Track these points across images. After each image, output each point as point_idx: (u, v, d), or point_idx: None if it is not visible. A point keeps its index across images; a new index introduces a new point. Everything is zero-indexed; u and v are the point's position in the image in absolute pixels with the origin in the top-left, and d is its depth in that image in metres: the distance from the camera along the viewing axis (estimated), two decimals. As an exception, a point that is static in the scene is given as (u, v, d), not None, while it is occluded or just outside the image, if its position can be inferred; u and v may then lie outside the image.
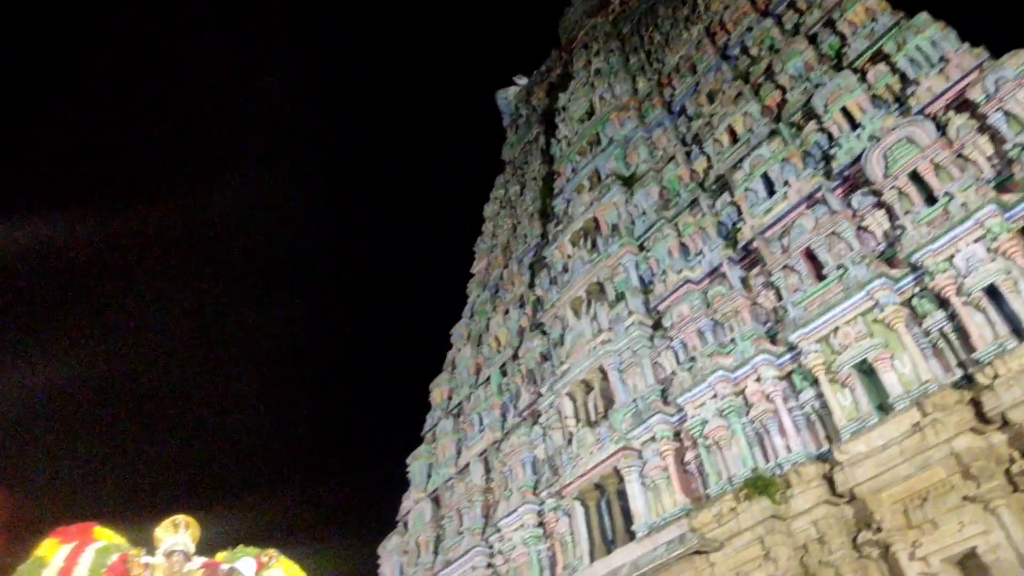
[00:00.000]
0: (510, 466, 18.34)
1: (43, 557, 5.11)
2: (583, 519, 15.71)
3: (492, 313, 24.39)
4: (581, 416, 16.98)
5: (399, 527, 22.55)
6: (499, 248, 26.80)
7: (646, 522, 14.05)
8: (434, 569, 19.49)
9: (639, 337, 16.13)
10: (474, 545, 18.15)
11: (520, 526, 17.00)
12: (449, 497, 20.66)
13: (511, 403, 20.41)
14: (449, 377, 25.00)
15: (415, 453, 23.71)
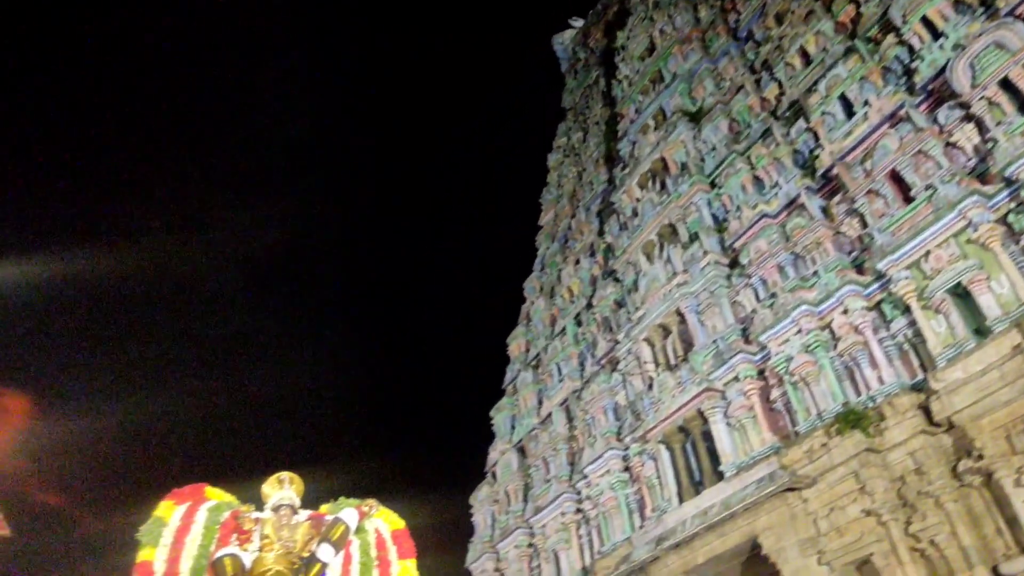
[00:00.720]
0: (592, 414, 18.45)
1: (162, 517, 5.42)
2: (669, 462, 15.72)
3: (563, 264, 24.30)
4: (660, 360, 16.85)
5: (488, 477, 23.12)
6: (565, 198, 26.53)
7: (734, 462, 13.94)
8: (525, 516, 19.96)
9: (716, 277, 15.78)
10: (562, 492, 18.45)
11: (606, 472, 17.16)
12: (534, 447, 21.00)
13: (588, 352, 20.43)
14: (525, 330, 25.19)
15: (498, 406, 24.12)
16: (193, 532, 5.43)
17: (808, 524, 11.99)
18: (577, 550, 17.89)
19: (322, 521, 5.97)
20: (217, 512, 5.67)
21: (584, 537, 17.88)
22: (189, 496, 5.69)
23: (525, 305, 26.18)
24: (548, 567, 18.65)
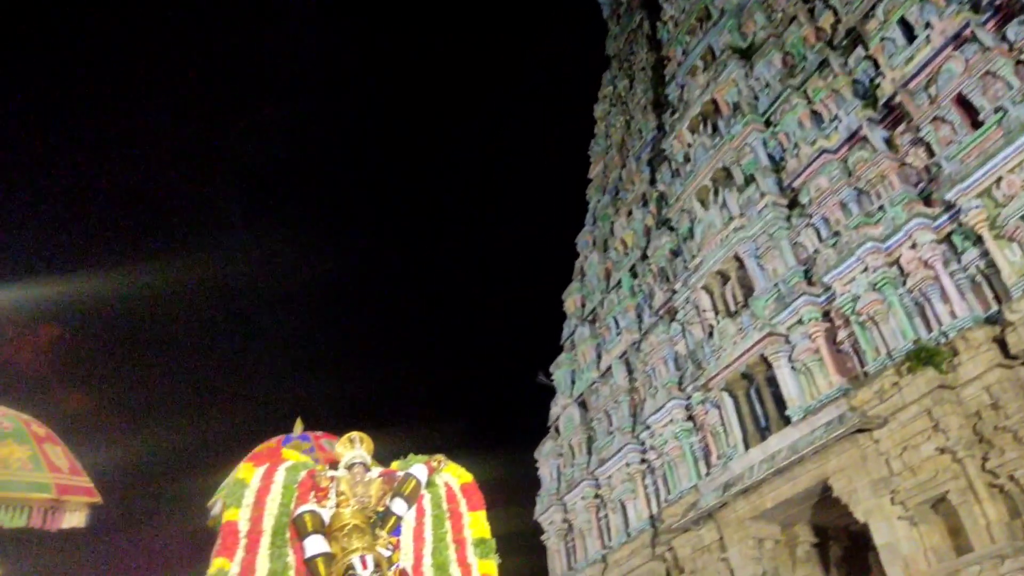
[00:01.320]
0: (652, 364, 18.39)
1: (243, 479, 5.63)
2: (733, 409, 15.60)
3: (615, 216, 24.02)
4: (720, 308, 16.61)
5: (551, 432, 23.40)
6: (614, 148, 26.08)
7: (800, 406, 13.74)
8: (589, 468, 20.17)
9: (775, 219, 15.36)
10: (626, 443, 18.55)
11: (669, 421, 17.15)
12: (595, 400, 21.10)
13: (645, 303, 20.28)
14: (580, 285, 25.11)
15: (557, 361, 24.25)
16: (273, 492, 5.62)
17: (880, 465, 11.79)
18: (643, 499, 18.04)
19: (394, 477, 6.13)
20: (294, 472, 5.86)
21: (650, 486, 17.99)
22: (267, 458, 5.89)
23: (579, 260, 26.05)
24: (615, 516, 18.87)
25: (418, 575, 5.43)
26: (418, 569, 5.48)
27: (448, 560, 5.55)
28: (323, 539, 5.26)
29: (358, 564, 4.93)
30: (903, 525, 11.38)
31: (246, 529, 5.27)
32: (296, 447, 6.13)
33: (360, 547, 5.10)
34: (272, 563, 5.10)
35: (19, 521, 5.46)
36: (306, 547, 5.20)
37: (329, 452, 6.15)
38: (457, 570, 5.51)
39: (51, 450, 5.79)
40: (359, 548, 5.08)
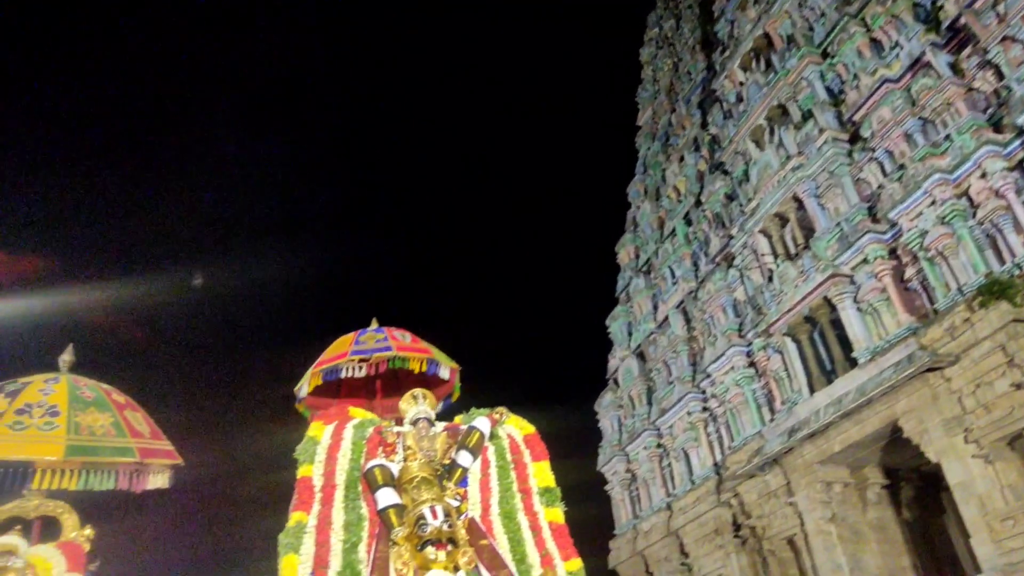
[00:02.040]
0: (710, 313, 18.15)
1: (314, 437, 5.83)
2: (796, 354, 15.32)
3: (666, 163, 23.54)
4: (779, 251, 16.21)
5: (610, 384, 23.46)
6: (663, 93, 25.42)
7: (867, 347, 13.39)
8: (650, 418, 20.21)
9: (835, 155, 14.80)
10: (686, 392, 18.47)
11: (730, 369, 16.97)
12: (653, 351, 21.01)
13: (701, 251, 19.94)
14: (632, 236, 24.83)
15: (613, 314, 24.17)
16: (343, 448, 5.81)
17: (952, 403, 11.46)
18: (707, 447, 18.00)
19: (457, 431, 6.25)
20: (362, 428, 6.03)
21: (713, 434, 17.92)
22: (335, 416, 6.07)
23: (630, 210, 25.72)
24: (679, 465, 18.92)
25: (486, 524, 5.54)
26: (486, 518, 5.59)
27: (515, 509, 5.65)
28: (393, 491, 5.41)
29: (428, 514, 5.05)
30: (978, 464, 11.09)
31: (320, 484, 5.46)
32: (371, 337, 6.50)
33: (429, 498, 5.22)
34: (347, 515, 5.27)
35: (107, 484, 5.79)
36: (378, 499, 5.36)
37: (401, 341, 6.50)
38: (524, 518, 5.60)
39: (131, 416, 6.09)
40: (428, 499, 5.20)
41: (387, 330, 6.77)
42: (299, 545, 4.95)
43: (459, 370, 6.86)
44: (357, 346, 6.48)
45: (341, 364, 6.32)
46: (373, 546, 5.10)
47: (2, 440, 5.41)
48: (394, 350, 6.39)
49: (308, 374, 6.40)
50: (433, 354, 6.59)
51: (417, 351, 6.53)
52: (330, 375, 6.33)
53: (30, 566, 5.16)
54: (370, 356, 6.35)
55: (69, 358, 6.35)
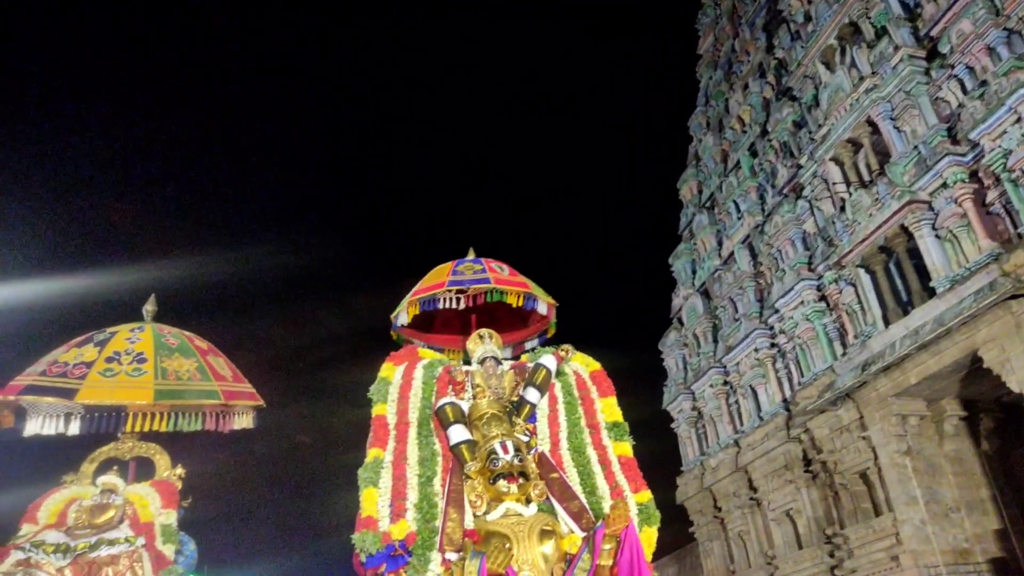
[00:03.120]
0: (778, 247, 17.67)
1: (386, 377, 5.98)
2: (870, 285, 14.81)
3: (729, 92, 22.67)
4: (852, 179, 15.55)
5: (674, 323, 23.26)
6: (724, 17, 24.30)
7: (946, 276, 12.84)
8: (716, 356, 20.01)
9: (912, 74, 13.96)
10: (753, 329, 18.17)
11: (800, 303, 16.56)
12: (718, 288, 20.67)
13: (767, 183, 19.30)
14: (695, 171, 24.20)
15: (675, 252, 23.80)
16: (414, 387, 5.95)
17: (1038, 331, 10.95)
18: (775, 383, 17.76)
19: (524, 368, 6.33)
20: (432, 368, 6.16)
21: (781, 370, 17.65)
22: (405, 357, 6.21)
23: (692, 145, 25.00)
24: (746, 402, 18.77)
25: (556, 458, 5.62)
26: (555, 452, 5.67)
27: (584, 443, 5.71)
28: (464, 428, 5.54)
29: (499, 448, 5.16)
30: (1066, 393, 10.64)
31: (394, 422, 5.63)
32: (468, 268, 6.49)
33: (499, 433, 5.33)
34: (421, 451, 5.43)
35: (195, 425, 6.12)
36: (450, 435, 5.51)
37: (499, 274, 6.46)
38: (593, 452, 5.66)
39: (214, 361, 6.37)
40: (498, 434, 5.31)
41: (485, 261, 6.69)
42: (377, 479, 5.14)
43: (556, 306, 6.77)
44: (455, 276, 6.41)
45: (439, 294, 6.27)
46: (447, 480, 5.26)
47: (95, 386, 5.75)
48: (492, 282, 6.31)
49: (405, 302, 6.38)
50: (531, 288, 6.50)
51: (515, 284, 6.43)
52: (427, 305, 6.30)
53: (129, 503, 5.52)
54: (467, 287, 6.29)
55: (152, 308, 6.65)
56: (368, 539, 4.75)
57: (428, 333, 7.02)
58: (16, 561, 4.92)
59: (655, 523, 5.12)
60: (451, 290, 6.28)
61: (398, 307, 6.50)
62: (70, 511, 5.40)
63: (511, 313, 6.83)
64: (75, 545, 5.08)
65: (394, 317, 6.55)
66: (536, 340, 7.14)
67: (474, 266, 6.61)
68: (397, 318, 6.50)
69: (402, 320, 6.44)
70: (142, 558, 5.08)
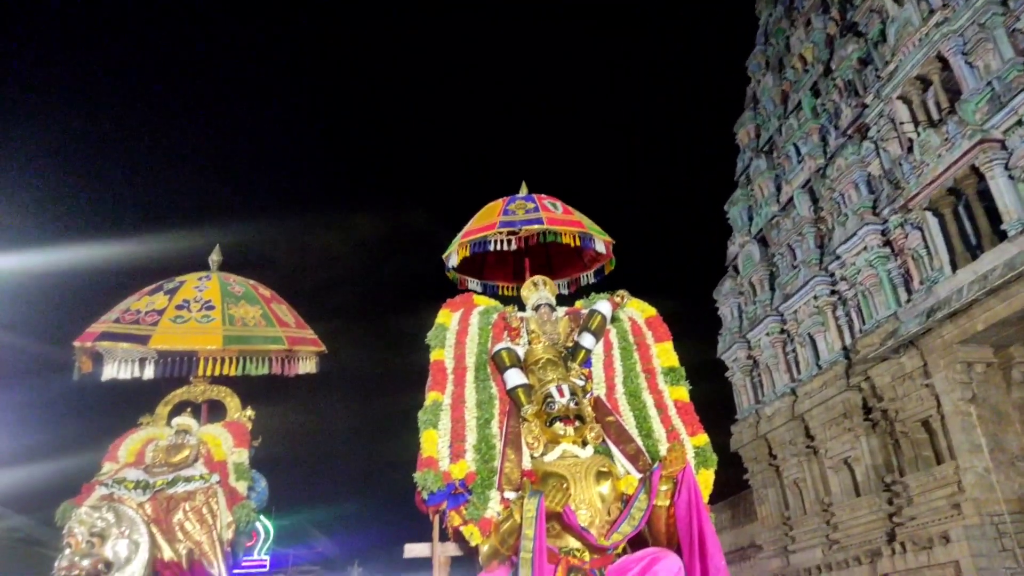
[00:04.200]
0: (840, 190, 17.08)
1: (443, 323, 6.07)
2: (938, 229, 14.26)
3: (790, 29, 21.71)
4: (920, 118, 14.86)
5: (729, 271, 22.87)
6: (786, -49, 23.16)
7: (1018, 218, 12.26)
8: (773, 304, 19.66)
9: (986, 5, 13.13)
10: (813, 276, 17.74)
11: (863, 249, 16.07)
12: (776, 235, 20.17)
13: (830, 124, 18.58)
14: (752, 114, 23.42)
15: (731, 199, 23.26)
16: (471, 333, 6.03)
17: (1120, 275, 10.42)
18: (835, 331, 17.39)
19: (579, 315, 6.33)
20: (487, 315, 6.22)
21: (841, 318, 17.25)
22: (461, 304, 6.28)
23: (750, 86, 24.15)
24: (804, 350, 18.46)
25: (612, 402, 5.66)
26: (611, 397, 5.70)
27: (640, 388, 5.72)
28: (520, 372, 5.61)
29: (555, 392, 5.21)
30: None
31: (452, 366, 5.74)
32: (520, 206, 6.33)
33: (555, 378, 5.37)
34: (478, 394, 5.53)
35: (263, 370, 6.34)
36: (506, 380, 5.58)
37: (552, 212, 6.29)
38: (649, 397, 5.67)
39: (278, 308, 6.56)
40: (554, 379, 5.36)
41: (537, 198, 6.50)
42: (437, 421, 5.26)
43: (613, 243, 6.59)
44: (505, 216, 6.26)
45: (489, 236, 6.15)
46: (505, 422, 5.35)
47: (166, 333, 6.00)
48: (545, 222, 6.15)
49: (455, 243, 6.32)
50: (586, 227, 6.35)
51: (569, 224, 6.26)
52: (477, 247, 6.21)
53: (202, 442, 5.79)
54: (519, 228, 6.13)
55: (217, 257, 6.86)
56: (429, 478, 4.89)
57: (482, 271, 7.00)
58: (100, 496, 5.24)
59: (712, 466, 5.14)
60: (502, 232, 6.15)
61: (449, 247, 6.46)
62: (148, 450, 5.70)
63: (568, 249, 6.72)
64: (154, 482, 5.37)
65: (445, 258, 6.53)
66: (594, 276, 7.10)
67: (526, 204, 6.41)
68: (448, 259, 6.49)
69: (452, 262, 6.42)
70: (217, 494, 5.36)
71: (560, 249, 6.70)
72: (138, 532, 4.86)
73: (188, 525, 5.16)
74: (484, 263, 7.03)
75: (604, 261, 6.87)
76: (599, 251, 6.45)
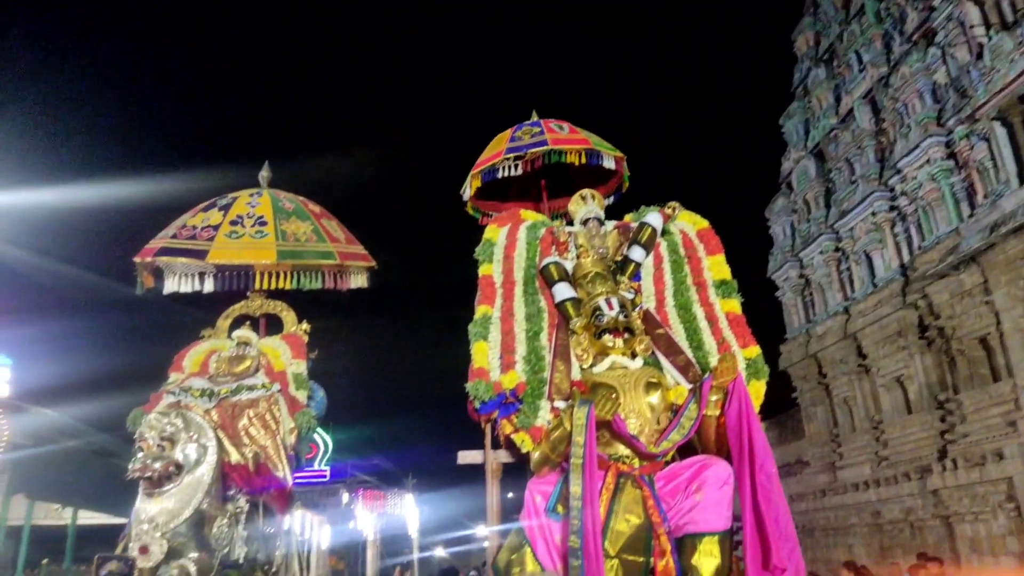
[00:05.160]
0: (904, 100, 16.23)
1: (491, 239, 6.07)
2: (1006, 140, 13.51)
3: (856, -73, 20.26)
4: (992, 20, 13.89)
5: (782, 188, 22.23)
6: None
7: (1098, 126, 11.54)
8: (828, 222, 19.12)
9: None
10: (871, 191, 17.12)
11: (925, 161, 15.37)
12: (833, 149, 19.40)
13: (895, 30, 17.50)
14: (812, 20, 22.17)
15: (787, 112, 22.34)
16: (518, 248, 6.02)
17: None
18: (892, 248, 16.88)
19: (628, 228, 6.25)
20: (534, 230, 6.19)
21: (900, 234, 16.71)
22: (508, 219, 6.26)
23: (810, -9, 22.79)
24: (859, 268, 18.01)
25: (661, 315, 5.63)
26: (661, 310, 5.67)
27: (690, 300, 5.67)
28: (569, 286, 5.61)
29: (604, 305, 5.21)
30: None
31: (500, 281, 5.76)
32: (527, 132, 6.44)
33: (604, 291, 5.35)
34: (527, 308, 5.56)
35: (315, 284, 6.48)
36: (555, 293, 5.60)
37: (558, 133, 6.39)
38: (700, 309, 5.62)
39: (328, 224, 6.64)
40: (603, 292, 5.34)
41: (544, 122, 6.56)
42: (487, 333, 5.33)
43: (624, 158, 6.57)
44: (512, 143, 6.35)
45: (497, 163, 6.23)
46: (554, 335, 5.39)
47: (223, 248, 6.14)
48: (549, 143, 6.20)
49: (469, 176, 6.42)
50: (592, 143, 6.33)
51: (574, 142, 6.29)
52: (488, 176, 6.30)
53: (262, 354, 6.00)
54: (524, 152, 6.21)
55: (267, 174, 6.93)
56: (480, 388, 5.00)
57: (504, 202, 6.99)
58: (168, 404, 5.51)
59: (763, 377, 5.12)
60: (508, 158, 6.22)
61: (464, 182, 6.49)
62: (211, 361, 5.94)
63: (583, 172, 6.70)
64: (218, 390, 5.61)
65: (461, 192, 6.57)
66: (612, 197, 7.04)
67: (532, 129, 6.49)
68: (464, 192, 6.53)
69: (467, 194, 6.47)
70: (278, 402, 5.58)
71: (577, 171, 6.66)
72: (206, 436, 5.11)
73: (253, 430, 5.41)
74: (508, 195, 7.01)
75: (619, 180, 6.83)
76: (609, 167, 6.41)
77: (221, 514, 5.15)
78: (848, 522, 17.33)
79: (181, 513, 4.85)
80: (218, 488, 5.17)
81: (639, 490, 4.53)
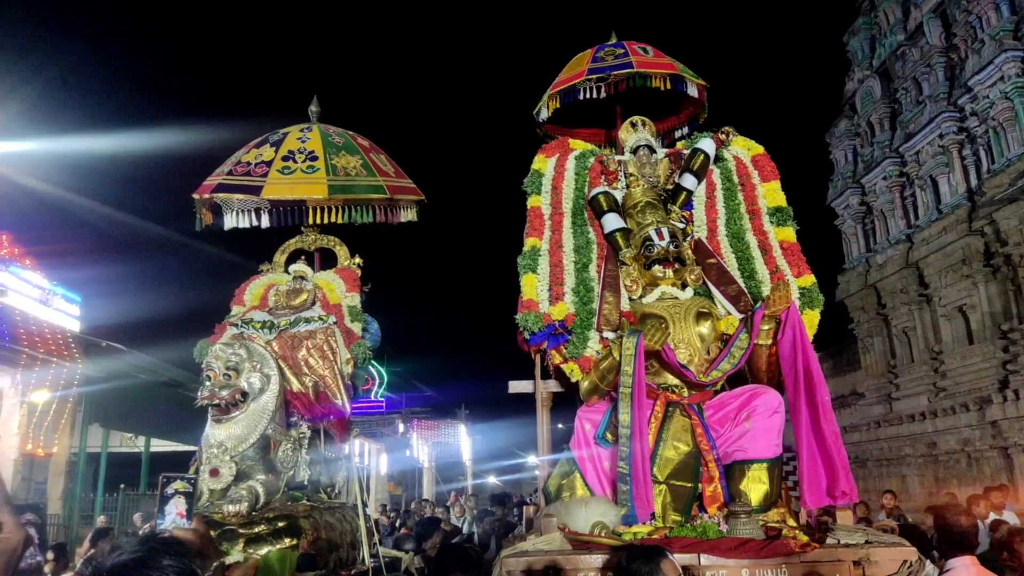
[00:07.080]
0: (977, 13, 15.20)
1: (539, 169, 6.01)
2: (1092, 52, 12.63)
3: None
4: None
5: (845, 111, 21.27)
6: None
7: None
8: (893, 145, 18.31)
9: None
10: (940, 111, 16.25)
11: (999, 79, 14.47)
12: (900, 68, 18.38)
13: (971, -65, 16.26)
14: (881, -71, 20.75)
15: (851, 28, 21.16)
16: (567, 178, 5.96)
17: None
18: (960, 172, 16.11)
19: (680, 155, 6.11)
20: (584, 159, 6.10)
21: (968, 157, 15.91)
22: (556, 149, 6.17)
23: None
24: (924, 194, 17.30)
25: (713, 244, 5.55)
26: (713, 239, 5.59)
27: (743, 229, 5.56)
28: (618, 216, 5.55)
29: (654, 235, 5.16)
30: None
31: (548, 212, 5.73)
32: (609, 53, 6.24)
33: (655, 221, 5.29)
34: (576, 239, 5.54)
35: (366, 218, 6.55)
36: (604, 224, 5.55)
37: (643, 56, 6.17)
38: (753, 238, 5.51)
39: (377, 158, 6.66)
40: (654, 222, 5.28)
41: (627, 44, 6.32)
42: (536, 266, 5.34)
43: (707, 87, 6.31)
44: (594, 63, 6.13)
45: (578, 84, 6.03)
46: (603, 266, 5.37)
47: (276, 183, 6.24)
48: (634, 66, 5.97)
49: (545, 97, 6.25)
50: (678, 69, 6.11)
51: (660, 67, 6.06)
52: (567, 97, 6.11)
53: (318, 287, 6.15)
54: (608, 75, 5.99)
55: (316, 108, 6.94)
56: (530, 319, 5.05)
57: (574, 127, 6.81)
58: (231, 335, 5.72)
59: (818, 306, 5.03)
60: (591, 79, 5.99)
61: (539, 102, 6.33)
62: (270, 295, 6.12)
63: (659, 99, 6.46)
64: (278, 322, 5.80)
65: (536, 113, 6.40)
66: (687, 127, 6.79)
67: (615, 51, 6.22)
68: (539, 114, 6.36)
69: (543, 115, 6.29)
70: (335, 333, 5.75)
71: (654, 98, 6.41)
72: (268, 366, 5.32)
73: (312, 360, 5.61)
74: (577, 119, 6.81)
75: (699, 109, 6.56)
76: (691, 94, 6.16)
77: (285, 439, 5.40)
78: (902, 453, 17.19)
79: (248, 438, 5.11)
80: (281, 415, 5.41)
81: (688, 419, 4.58)
